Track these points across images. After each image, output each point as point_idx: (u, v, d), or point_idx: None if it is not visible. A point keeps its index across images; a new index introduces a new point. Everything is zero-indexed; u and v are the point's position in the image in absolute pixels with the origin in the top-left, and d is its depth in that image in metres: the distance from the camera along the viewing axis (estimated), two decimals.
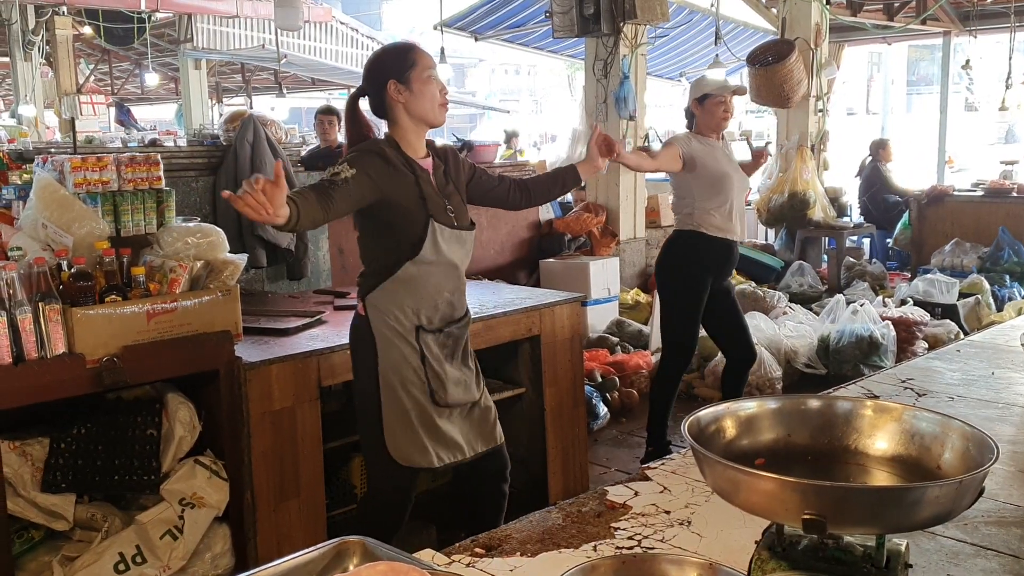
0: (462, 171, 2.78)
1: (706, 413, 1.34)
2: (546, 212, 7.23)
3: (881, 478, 1.32)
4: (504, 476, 2.84)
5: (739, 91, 4.37)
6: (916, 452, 1.30)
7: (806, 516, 1.09)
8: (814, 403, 1.40)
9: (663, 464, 2.02)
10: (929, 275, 7.28)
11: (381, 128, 2.71)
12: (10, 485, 2.64)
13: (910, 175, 9.87)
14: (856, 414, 1.37)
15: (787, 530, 1.23)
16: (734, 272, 4.46)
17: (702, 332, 4.46)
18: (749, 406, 1.39)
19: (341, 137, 7.44)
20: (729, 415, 1.36)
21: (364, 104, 2.68)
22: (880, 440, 1.34)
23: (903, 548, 1.20)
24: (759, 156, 4.81)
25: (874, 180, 9.51)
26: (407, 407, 2.59)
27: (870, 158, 9.68)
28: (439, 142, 2.90)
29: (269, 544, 2.97)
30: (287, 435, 3.01)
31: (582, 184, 3.02)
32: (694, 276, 4.23)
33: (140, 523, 2.77)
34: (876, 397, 2.37)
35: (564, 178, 2.98)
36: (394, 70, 2.58)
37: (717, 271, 4.25)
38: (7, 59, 14.13)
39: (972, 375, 2.69)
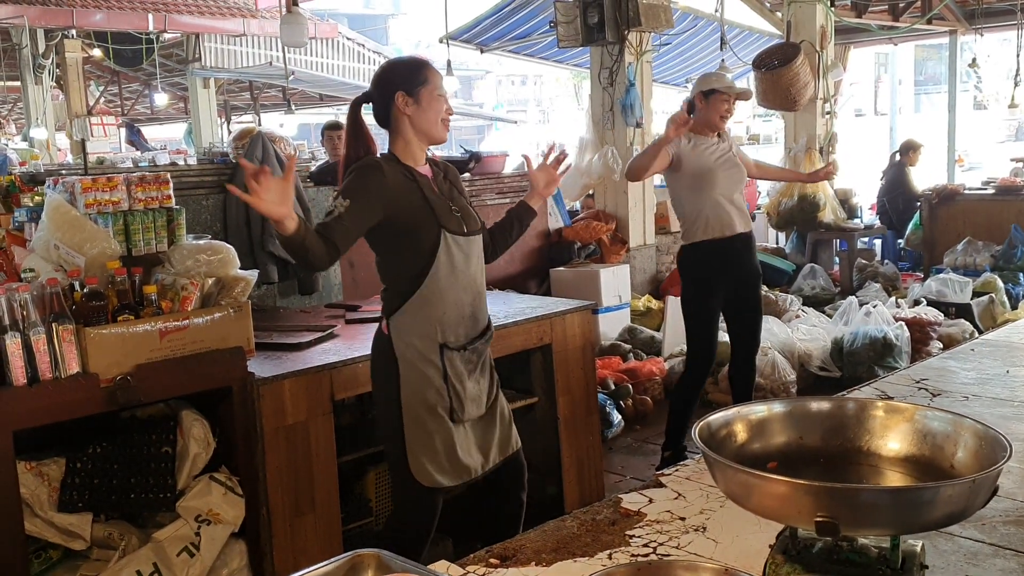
0: (461, 185, 2.79)
1: (716, 418, 1.34)
2: (555, 221, 7.24)
3: (894, 479, 1.31)
4: (522, 484, 2.84)
5: (743, 95, 4.39)
6: (929, 452, 1.30)
7: (819, 519, 1.08)
8: (825, 405, 1.40)
9: (677, 470, 2.01)
10: (942, 275, 7.24)
11: (380, 141, 2.72)
12: (27, 505, 2.65)
13: (921, 175, 9.83)
14: (867, 415, 1.37)
15: (801, 533, 1.22)
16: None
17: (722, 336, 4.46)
18: (760, 409, 1.39)
19: None
20: (740, 419, 1.36)
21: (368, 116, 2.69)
22: (892, 441, 1.33)
23: (918, 549, 1.20)
24: (821, 175, 4.81)
25: (898, 182, 9.47)
26: (431, 430, 2.59)
27: (898, 156, 9.64)
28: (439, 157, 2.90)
29: (285, 559, 2.97)
30: (301, 450, 3.01)
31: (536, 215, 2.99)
32: (701, 287, 4.26)
33: (157, 541, 2.78)
34: (890, 398, 2.36)
35: (520, 215, 2.91)
36: (405, 82, 2.59)
37: (726, 272, 4.24)
38: (18, 83, 14.28)
39: (987, 374, 2.68)
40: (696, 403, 4.45)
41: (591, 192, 7.60)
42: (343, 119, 3.55)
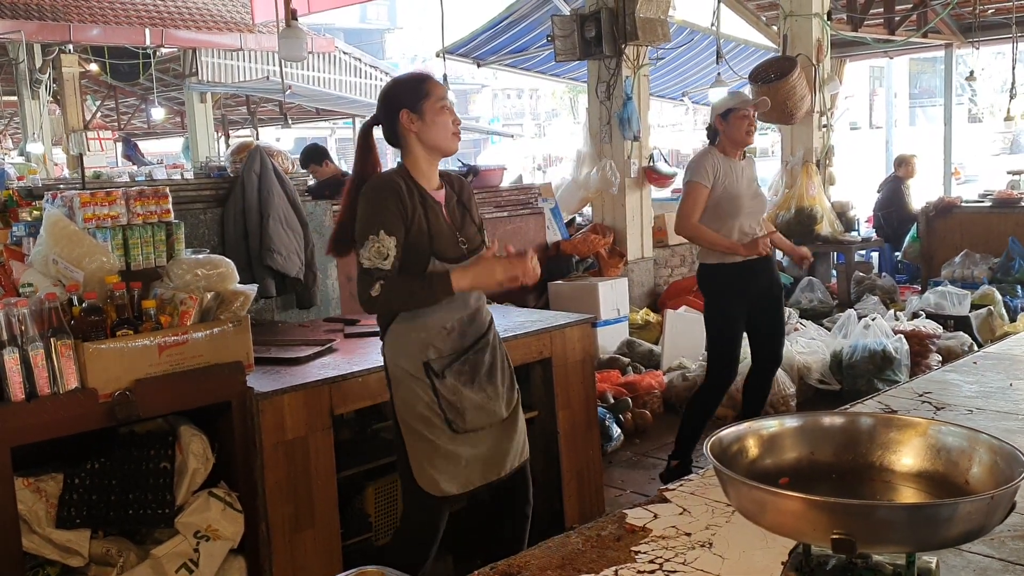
0: (474, 202, 2.79)
1: (728, 433, 1.32)
2: (553, 234, 7.24)
3: (908, 495, 1.29)
4: (527, 498, 2.83)
5: (760, 106, 4.37)
6: (943, 467, 1.28)
7: (835, 535, 1.07)
8: (837, 420, 1.38)
9: (682, 485, 1.99)
10: (940, 287, 7.24)
11: (386, 159, 2.72)
12: (25, 522, 2.63)
13: (918, 188, 9.88)
14: (880, 430, 1.35)
15: (814, 550, 1.21)
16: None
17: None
18: (771, 424, 1.37)
19: (344, 166, 7.42)
20: (751, 434, 1.35)
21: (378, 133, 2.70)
22: (906, 456, 1.32)
23: (933, 566, 1.18)
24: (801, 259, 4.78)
25: (893, 199, 9.53)
26: (429, 438, 2.60)
27: (893, 174, 9.72)
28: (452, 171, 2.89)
29: (285, 575, 2.95)
30: (301, 465, 2.99)
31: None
32: (724, 305, 4.25)
33: (155, 557, 2.76)
34: (894, 412, 2.35)
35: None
36: (407, 100, 2.60)
37: (748, 291, 4.22)
38: (15, 97, 14.28)
39: (989, 387, 2.66)
40: (713, 416, 4.43)
41: (589, 204, 7.60)
42: (341, 132, 3.54)
